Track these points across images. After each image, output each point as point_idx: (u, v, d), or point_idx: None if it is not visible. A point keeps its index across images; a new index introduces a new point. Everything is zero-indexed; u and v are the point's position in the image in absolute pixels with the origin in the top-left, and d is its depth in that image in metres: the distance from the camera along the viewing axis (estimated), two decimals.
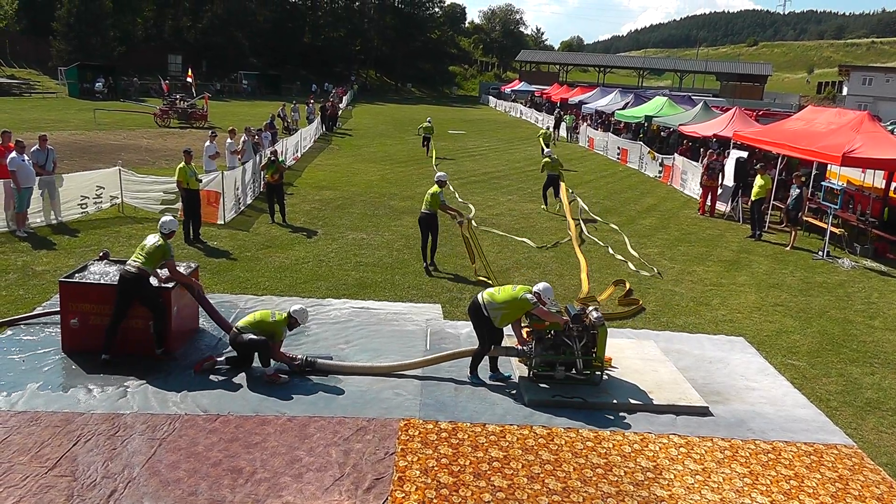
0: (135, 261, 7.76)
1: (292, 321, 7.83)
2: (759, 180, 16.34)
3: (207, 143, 17.33)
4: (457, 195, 18.38)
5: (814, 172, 18.79)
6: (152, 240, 7.94)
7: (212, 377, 7.56)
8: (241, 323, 7.74)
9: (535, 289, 7.59)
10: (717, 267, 13.60)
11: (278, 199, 14.95)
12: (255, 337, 7.57)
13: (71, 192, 13.87)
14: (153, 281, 7.92)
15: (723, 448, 6.77)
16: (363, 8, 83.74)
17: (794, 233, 15.66)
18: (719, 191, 19.24)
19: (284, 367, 7.73)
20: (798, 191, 15.49)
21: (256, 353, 7.65)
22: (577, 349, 7.68)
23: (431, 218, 11.94)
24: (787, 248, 15.26)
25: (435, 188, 11.88)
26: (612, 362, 8.24)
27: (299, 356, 7.84)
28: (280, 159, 15.52)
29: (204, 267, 10.93)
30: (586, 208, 17.99)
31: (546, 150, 20.53)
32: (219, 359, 7.87)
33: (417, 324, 9.41)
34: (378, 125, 41.43)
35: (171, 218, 8.34)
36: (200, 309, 8.54)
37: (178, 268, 8.10)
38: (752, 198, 16.49)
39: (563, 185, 17.59)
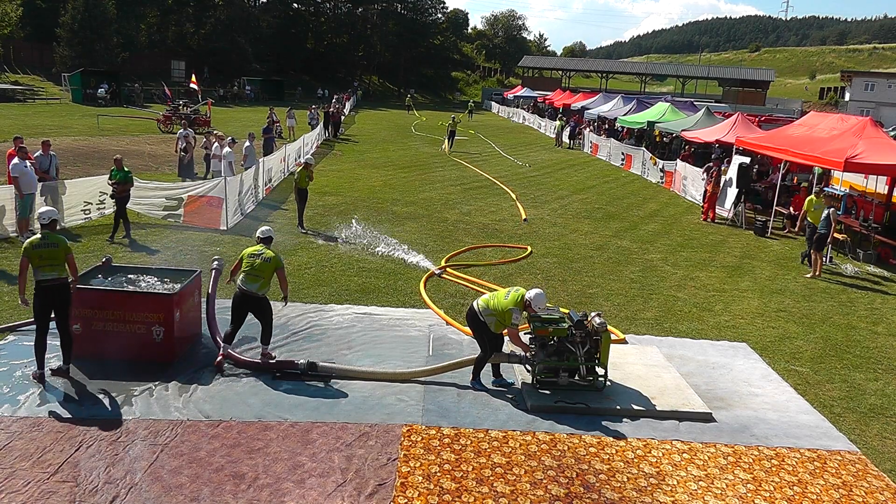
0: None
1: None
2: (814, 203, 14.11)
3: (227, 149, 17.39)
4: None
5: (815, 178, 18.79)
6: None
7: (214, 383, 7.57)
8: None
9: (527, 296, 7.54)
10: (720, 272, 13.59)
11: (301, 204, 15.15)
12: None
13: (74, 198, 13.89)
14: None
15: (726, 454, 6.76)
16: (366, 14, 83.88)
17: (819, 259, 13.65)
18: (726, 198, 19.24)
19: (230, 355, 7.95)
20: (826, 212, 13.51)
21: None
22: (581, 355, 7.67)
23: None
24: (810, 277, 13.50)
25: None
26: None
27: (301, 360, 7.84)
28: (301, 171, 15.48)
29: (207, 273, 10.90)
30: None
31: (454, 116, 35.58)
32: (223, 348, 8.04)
33: (420, 329, 9.42)
34: (380, 131, 41.47)
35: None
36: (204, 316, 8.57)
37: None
38: (819, 230, 13.59)
39: (445, 141, 32.24)
